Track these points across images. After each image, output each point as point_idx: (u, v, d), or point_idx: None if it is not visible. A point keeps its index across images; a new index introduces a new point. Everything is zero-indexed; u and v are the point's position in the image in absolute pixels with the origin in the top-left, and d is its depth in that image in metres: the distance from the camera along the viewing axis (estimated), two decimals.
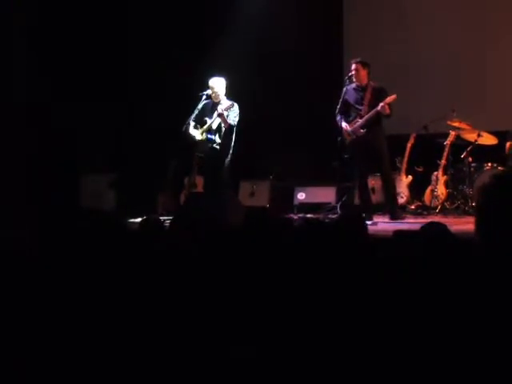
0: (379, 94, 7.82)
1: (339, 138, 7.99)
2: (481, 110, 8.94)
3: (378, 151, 7.87)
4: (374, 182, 8.77)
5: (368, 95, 7.85)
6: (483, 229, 1.57)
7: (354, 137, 7.85)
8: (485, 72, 9.31)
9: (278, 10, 10.05)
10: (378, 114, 7.70)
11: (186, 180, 8.71)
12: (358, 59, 7.88)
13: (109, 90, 10.10)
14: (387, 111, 7.65)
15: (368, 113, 7.79)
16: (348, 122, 7.93)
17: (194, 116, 8.07)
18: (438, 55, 9.59)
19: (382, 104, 7.61)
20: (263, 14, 9.96)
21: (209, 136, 8.10)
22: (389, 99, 7.64)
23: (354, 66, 7.85)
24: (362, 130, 7.81)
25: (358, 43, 10.04)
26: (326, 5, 10.28)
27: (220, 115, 7.95)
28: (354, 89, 7.95)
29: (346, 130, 7.90)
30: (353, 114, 7.95)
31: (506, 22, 9.37)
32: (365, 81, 7.87)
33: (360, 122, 7.83)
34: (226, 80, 8.11)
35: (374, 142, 7.84)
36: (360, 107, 7.88)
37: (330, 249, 2.41)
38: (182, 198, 8.69)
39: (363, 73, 7.84)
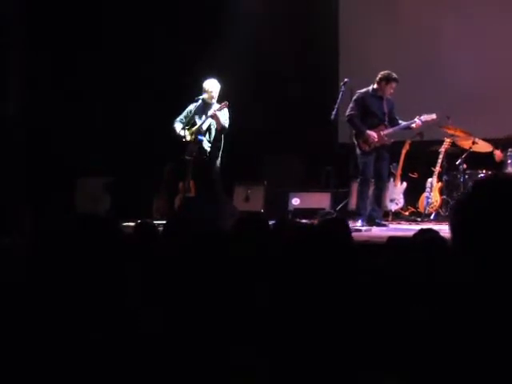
0: (392, 104, 7.99)
1: (356, 142, 7.90)
2: (476, 116, 8.95)
3: (386, 159, 8.00)
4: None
5: (386, 104, 7.92)
6: (461, 237, 1.60)
7: (378, 145, 7.84)
8: (480, 78, 9.33)
9: (274, 12, 10.06)
10: (408, 128, 7.96)
11: (180, 184, 8.72)
12: (396, 77, 7.86)
13: (105, 93, 10.10)
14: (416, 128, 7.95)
15: (389, 122, 7.92)
16: (371, 129, 7.84)
17: (182, 116, 8.12)
18: (434, 65, 9.61)
19: (418, 122, 7.82)
20: (260, 14, 9.96)
21: (199, 137, 8.10)
22: (429, 118, 7.86)
23: (387, 84, 7.82)
24: (390, 139, 7.92)
25: (353, 50, 10.06)
26: (322, 12, 10.28)
27: (213, 116, 7.96)
28: (372, 96, 7.92)
29: (373, 137, 7.79)
30: (376, 122, 7.89)
31: (501, 27, 9.40)
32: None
33: (389, 131, 7.88)
34: (220, 83, 8.13)
35: (385, 150, 7.96)
36: (383, 116, 7.91)
37: (316, 251, 2.42)
38: (177, 202, 8.69)
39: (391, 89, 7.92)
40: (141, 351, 1.88)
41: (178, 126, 8.12)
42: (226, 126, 8.02)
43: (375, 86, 7.91)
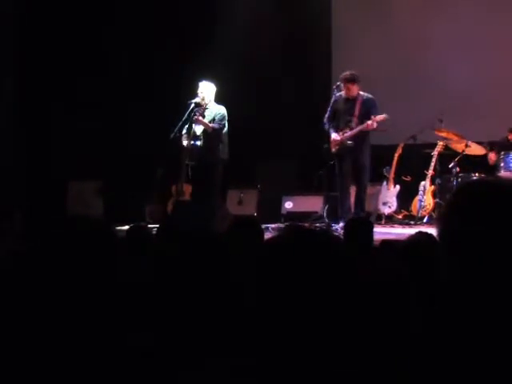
0: (369, 106, 7.96)
1: (325, 146, 8.08)
2: (469, 119, 8.98)
3: (360, 163, 7.99)
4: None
5: (358, 106, 7.95)
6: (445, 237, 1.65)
7: (341, 147, 7.94)
8: (473, 81, 9.36)
9: (267, 15, 10.08)
10: (366, 129, 7.87)
11: (173, 188, 8.71)
12: (348, 77, 7.89)
13: (97, 95, 10.09)
14: (375, 128, 7.83)
15: (358, 124, 7.90)
16: (337, 131, 7.99)
17: (182, 124, 8.05)
18: (426, 67, 9.64)
19: (369, 122, 7.77)
20: (252, 15, 9.98)
21: (193, 142, 8.09)
22: (379, 118, 7.79)
23: (344, 85, 7.90)
24: (349, 142, 7.92)
25: (346, 53, 10.07)
26: (315, 16, 10.29)
27: (197, 120, 7.93)
28: (344, 98, 8.01)
29: (335, 140, 7.96)
30: (342, 124, 8.00)
31: (494, 29, 9.43)
32: (355, 94, 7.96)
33: (348, 134, 7.93)
34: (214, 81, 8.12)
35: (358, 153, 7.97)
36: (350, 118, 7.97)
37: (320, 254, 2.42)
38: (170, 205, 8.68)
39: (353, 88, 7.93)
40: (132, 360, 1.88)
41: (185, 140, 8.07)
42: (217, 127, 7.95)
43: None
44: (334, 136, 7.96)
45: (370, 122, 7.79)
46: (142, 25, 10.16)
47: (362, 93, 8.00)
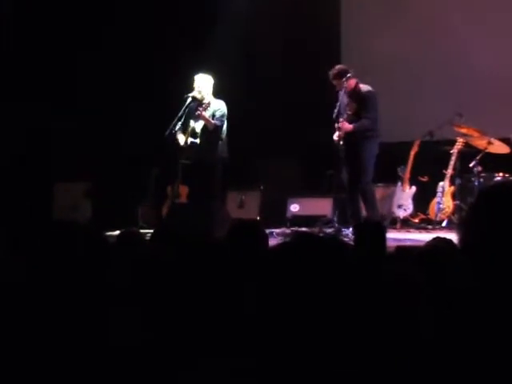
0: (361, 102, 7.98)
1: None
2: (491, 114, 8.94)
3: (358, 162, 7.96)
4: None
5: (353, 102, 7.99)
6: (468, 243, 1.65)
7: (339, 148, 7.99)
8: (495, 73, 9.32)
9: (269, 9, 10.10)
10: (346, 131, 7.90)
11: (168, 189, 8.69)
12: (334, 73, 7.94)
13: (87, 94, 10.12)
14: (353, 129, 7.85)
15: (349, 122, 7.93)
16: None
17: (178, 120, 8.03)
18: (444, 55, 9.62)
19: (339, 125, 7.85)
20: (252, 12, 10.03)
21: (192, 140, 8.08)
22: (346, 128, 7.85)
23: (333, 82, 7.95)
24: (341, 143, 7.94)
25: (357, 47, 10.06)
26: (324, 9, 10.29)
27: (199, 116, 7.93)
28: (344, 94, 8.02)
29: (334, 140, 7.98)
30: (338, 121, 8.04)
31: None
32: (351, 87, 7.94)
33: (337, 134, 7.98)
34: (215, 83, 8.12)
35: (352, 153, 7.95)
36: (344, 114, 8.00)
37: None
38: (165, 209, 8.67)
39: (343, 83, 7.91)
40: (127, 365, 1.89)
41: (177, 131, 8.08)
42: (219, 123, 7.96)
43: None
44: (334, 136, 7.98)
45: (340, 125, 7.88)
46: (141, 25, 10.22)
47: (361, 86, 7.98)
